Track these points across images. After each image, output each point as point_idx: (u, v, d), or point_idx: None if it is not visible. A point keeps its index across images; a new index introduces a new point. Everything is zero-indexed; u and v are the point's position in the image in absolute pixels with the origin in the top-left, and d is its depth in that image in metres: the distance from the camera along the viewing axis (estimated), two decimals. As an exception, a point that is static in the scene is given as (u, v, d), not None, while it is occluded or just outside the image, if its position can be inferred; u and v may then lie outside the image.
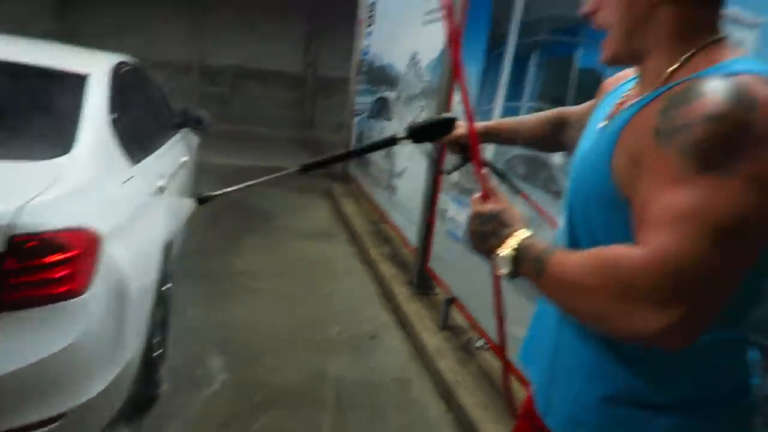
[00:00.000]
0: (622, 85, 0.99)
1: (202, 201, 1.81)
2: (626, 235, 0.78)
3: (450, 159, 1.77)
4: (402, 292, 3.77)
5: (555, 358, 0.99)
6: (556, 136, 1.30)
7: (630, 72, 0.98)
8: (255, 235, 4.93)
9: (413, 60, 4.19)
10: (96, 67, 2.37)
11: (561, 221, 1.03)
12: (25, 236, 1.48)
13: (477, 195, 1.04)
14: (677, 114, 0.72)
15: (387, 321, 3.52)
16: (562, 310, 0.90)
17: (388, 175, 4.79)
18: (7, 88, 2.04)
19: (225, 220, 5.14)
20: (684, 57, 0.80)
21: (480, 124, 1.38)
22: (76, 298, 1.59)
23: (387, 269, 4.17)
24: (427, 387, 2.82)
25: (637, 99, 0.85)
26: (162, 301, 2.41)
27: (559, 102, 2.18)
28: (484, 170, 1.12)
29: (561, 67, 2.23)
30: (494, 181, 1.13)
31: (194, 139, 4.70)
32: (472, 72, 3.09)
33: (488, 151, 2.77)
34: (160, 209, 2.43)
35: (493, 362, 2.84)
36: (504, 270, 0.90)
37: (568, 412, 0.95)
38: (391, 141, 1.39)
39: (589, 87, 1.95)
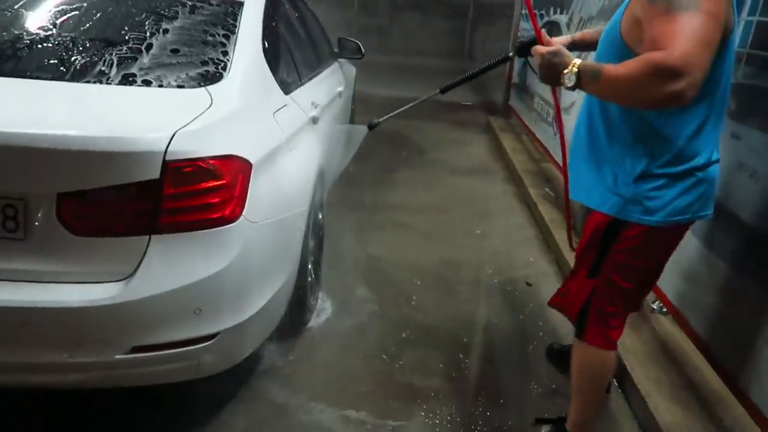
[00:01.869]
0: None
1: (371, 127, 2.48)
2: None
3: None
4: (565, 239, 3.44)
5: (593, 169, 1.61)
6: None
7: None
8: (410, 169, 4.86)
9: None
10: (252, -6, 2.34)
11: None
12: (180, 162, 1.50)
13: (537, 46, 1.53)
14: None
15: (546, 270, 3.25)
16: (614, 99, 1.44)
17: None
18: (162, 15, 2.08)
19: (381, 154, 5.13)
20: None
21: (565, 37, 1.91)
22: (229, 224, 1.61)
23: (548, 212, 3.84)
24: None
25: None
26: (316, 229, 2.42)
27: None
28: (543, 32, 1.63)
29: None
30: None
31: (352, 69, 4.67)
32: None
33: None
34: (313, 138, 2.40)
35: (670, 328, 2.48)
36: (569, 83, 1.39)
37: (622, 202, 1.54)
38: (507, 59, 2.02)
39: None
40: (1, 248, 1.47)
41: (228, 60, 1.96)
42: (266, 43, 2.21)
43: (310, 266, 2.36)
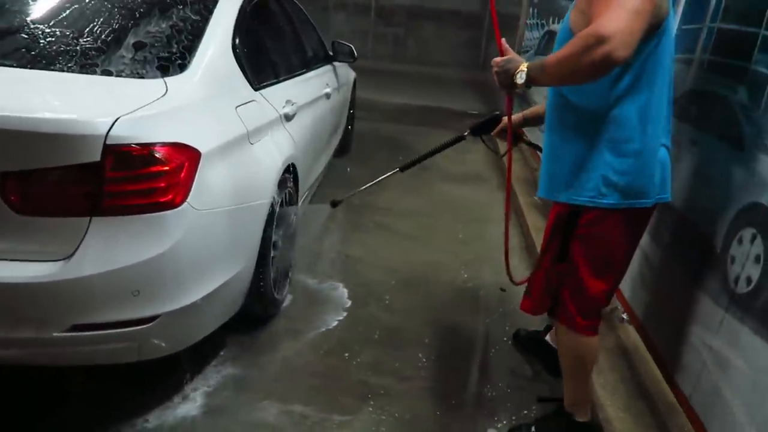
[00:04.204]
0: None
1: (334, 205, 3.07)
2: None
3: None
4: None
5: (551, 162, 1.72)
6: None
7: None
8: (403, 173, 4.86)
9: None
10: (229, -9, 2.40)
11: None
12: (121, 147, 1.54)
13: (496, 58, 1.65)
14: None
15: (523, 276, 3.22)
16: (561, 80, 1.52)
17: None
18: (135, 9, 2.14)
19: (377, 156, 5.16)
20: None
21: (517, 115, 2.14)
22: (171, 210, 1.65)
23: (535, 221, 3.81)
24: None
25: None
26: (282, 222, 2.45)
27: (752, 20, 1.65)
28: (503, 41, 1.72)
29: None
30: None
31: (350, 74, 4.71)
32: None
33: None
34: (283, 135, 2.43)
35: (635, 338, 2.44)
36: (521, 81, 1.53)
37: (582, 187, 1.61)
38: (460, 138, 2.52)
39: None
40: (-55, 224, 1.52)
41: (193, 53, 2.01)
42: (238, 40, 2.26)
43: (274, 261, 2.38)
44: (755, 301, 1.52)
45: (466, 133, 2.43)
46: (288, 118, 2.55)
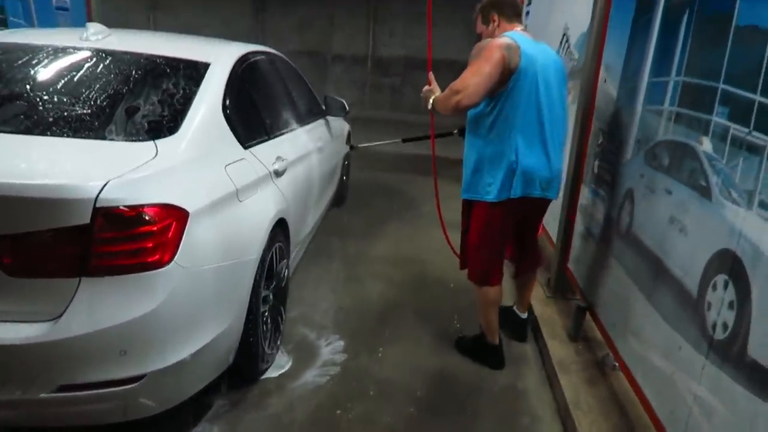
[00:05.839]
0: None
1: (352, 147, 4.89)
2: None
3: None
4: (538, 293, 3.44)
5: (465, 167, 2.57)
6: None
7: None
8: (398, 221, 4.94)
9: (564, 36, 3.78)
10: (221, 57, 2.52)
11: None
12: (110, 209, 1.60)
13: (426, 86, 2.65)
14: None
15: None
16: (444, 111, 2.41)
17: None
18: (131, 76, 2.24)
19: (373, 205, 5.24)
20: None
21: None
22: (158, 269, 1.69)
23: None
24: (544, 402, 2.52)
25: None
26: (273, 278, 2.49)
27: (712, 76, 1.73)
28: (431, 75, 2.74)
29: (716, 28, 1.77)
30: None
31: (344, 126, 4.84)
32: (617, 44, 2.66)
33: (633, 134, 2.37)
34: (272, 190, 2.50)
35: (625, 385, 2.43)
36: (429, 107, 2.53)
37: (466, 185, 2.55)
38: (449, 134, 3.70)
39: (752, 51, 1.52)
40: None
41: (183, 116, 2.10)
42: (228, 101, 2.36)
43: (265, 315, 2.41)
44: (732, 348, 1.54)
45: (454, 131, 3.52)
46: (278, 174, 2.62)
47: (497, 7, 2.49)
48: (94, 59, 2.32)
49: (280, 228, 2.57)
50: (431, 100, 2.48)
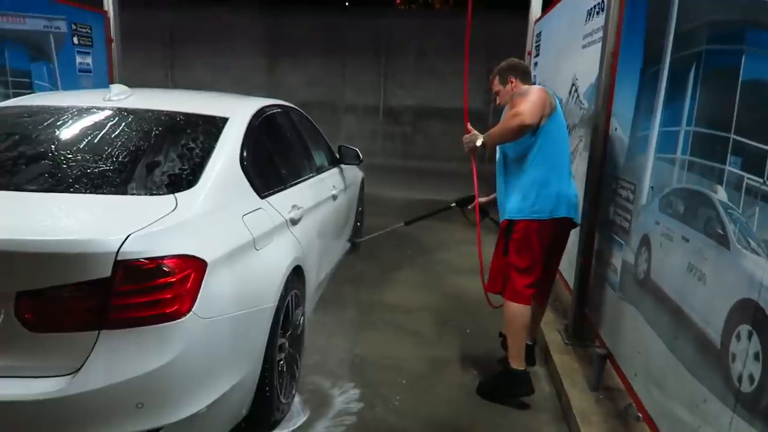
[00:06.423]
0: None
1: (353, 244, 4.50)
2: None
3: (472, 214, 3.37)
4: (555, 339, 3.39)
5: (505, 196, 2.87)
6: None
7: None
8: (412, 268, 4.93)
9: (573, 86, 3.85)
10: (238, 111, 2.60)
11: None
12: (131, 261, 1.63)
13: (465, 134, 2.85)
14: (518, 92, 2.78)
15: (534, 370, 3.17)
16: (500, 139, 2.70)
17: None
18: (158, 133, 2.33)
19: (386, 253, 5.24)
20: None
21: (486, 198, 3.37)
22: (175, 321, 1.71)
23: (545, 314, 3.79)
24: (565, 455, 2.45)
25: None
26: (289, 325, 2.48)
27: (723, 126, 1.76)
28: (468, 124, 2.95)
29: (723, 81, 1.80)
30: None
31: (358, 174, 4.91)
32: (626, 94, 2.70)
33: (647, 181, 2.38)
34: (288, 238, 2.53)
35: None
36: (479, 144, 2.72)
37: (513, 209, 2.78)
38: (448, 208, 3.88)
39: (758, 104, 1.54)
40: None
41: (202, 169, 2.16)
42: (245, 153, 2.42)
43: (281, 364, 2.39)
44: (761, 401, 1.50)
45: (452, 204, 3.73)
46: (294, 222, 2.66)
47: (514, 71, 2.90)
48: (117, 118, 2.40)
49: (296, 275, 2.58)
50: (481, 139, 2.70)
